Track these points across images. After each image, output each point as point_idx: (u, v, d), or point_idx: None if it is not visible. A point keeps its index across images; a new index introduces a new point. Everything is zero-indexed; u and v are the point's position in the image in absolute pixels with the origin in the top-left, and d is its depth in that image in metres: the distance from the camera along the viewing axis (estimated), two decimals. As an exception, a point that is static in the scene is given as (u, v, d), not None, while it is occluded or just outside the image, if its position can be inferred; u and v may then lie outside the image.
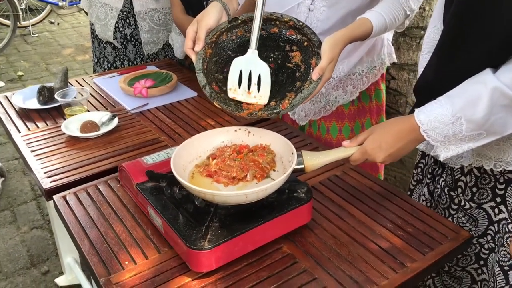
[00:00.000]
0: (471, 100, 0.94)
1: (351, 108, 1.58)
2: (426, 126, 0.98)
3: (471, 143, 0.97)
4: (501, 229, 1.19)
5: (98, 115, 1.54)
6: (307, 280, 0.95)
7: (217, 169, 1.05)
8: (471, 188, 1.20)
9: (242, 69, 1.08)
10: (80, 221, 1.12)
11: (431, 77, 1.11)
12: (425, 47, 1.19)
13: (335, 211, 1.14)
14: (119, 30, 1.98)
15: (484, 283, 1.29)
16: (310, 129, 1.63)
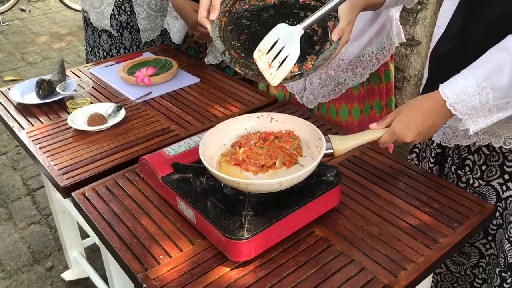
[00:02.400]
0: (495, 68, 0.95)
1: (360, 90, 1.57)
2: (452, 100, 0.98)
3: (500, 113, 0.98)
4: (509, 206, 1.22)
5: (103, 107, 1.50)
6: (345, 262, 0.96)
7: (245, 158, 1.04)
8: (480, 166, 1.22)
9: (280, 40, 0.99)
10: (105, 217, 1.10)
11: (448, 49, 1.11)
12: (441, 21, 1.19)
13: (360, 192, 1.15)
14: (114, 18, 1.93)
15: (492, 257, 1.32)
16: (319, 112, 1.62)
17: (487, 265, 1.35)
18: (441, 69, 1.11)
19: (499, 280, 1.26)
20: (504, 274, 1.25)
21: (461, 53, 1.05)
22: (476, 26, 1.05)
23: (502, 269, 1.25)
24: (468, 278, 1.40)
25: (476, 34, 1.04)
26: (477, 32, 1.04)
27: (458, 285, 1.42)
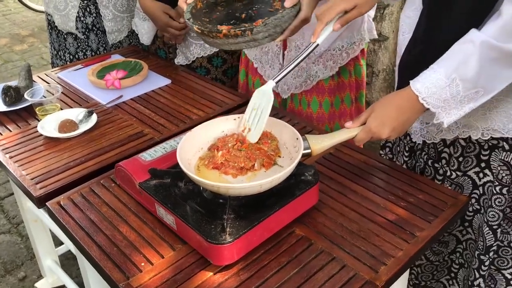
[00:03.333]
0: (462, 59, 0.98)
1: (331, 82, 1.60)
2: (424, 94, 1.01)
3: (471, 103, 1.01)
4: (487, 191, 1.26)
5: (74, 113, 1.47)
6: (326, 260, 0.97)
7: (224, 161, 1.04)
8: (457, 158, 1.26)
9: (256, 102, 1.09)
10: (82, 227, 1.08)
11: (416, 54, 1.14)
12: (405, 28, 1.22)
13: (337, 189, 1.16)
14: (80, 20, 1.89)
15: (469, 242, 1.37)
16: (292, 103, 1.66)
17: (464, 250, 1.39)
18: (411, 75, 1.14)
19: (477, 263, 1.31)
20: (482, 257, 1.29)
21: (429, 58, 1.08)
22: (440, 29, 1.07)
23: (481, 252, 1.29)
24: (445, 264, 1.44)
25: (442, 37, 1.07)
26: (442, 35, 1.07)
27: (437, 272, 1.46)
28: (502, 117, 1.15)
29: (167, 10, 1.69)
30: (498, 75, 0.98)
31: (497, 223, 1.26)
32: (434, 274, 1.46)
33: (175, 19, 1.69)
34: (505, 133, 1.16)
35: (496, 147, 1.21)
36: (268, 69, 1.67)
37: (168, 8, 1.69)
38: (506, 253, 1.34)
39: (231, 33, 1.16)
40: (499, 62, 0.96)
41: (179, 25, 1.69)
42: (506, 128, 1.16)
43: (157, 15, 1.69)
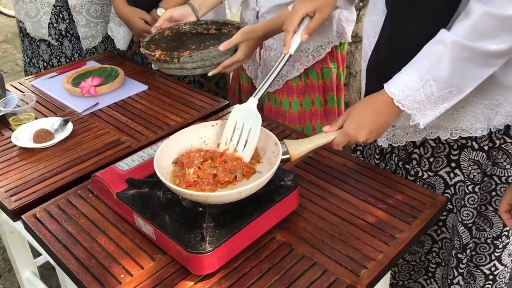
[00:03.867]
0: (434, 60, 0.98)
1: (299, 83, 1.63)
2: (399, 97, 1.01)
3: (446, 103, 1.01)
4: (459, 191, 1.28)
5: (49, 122, 1.45)
6: (307, 265, 0.97)
7: (196, 178, 1.00)
8: (428, 159, 1.27)
9: (238, 121, 1.08)
10: (59, 239, 1.06)
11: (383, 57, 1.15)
12: (370, 32, 1.23)
13: (317, 193, 1.16)
14: (53, 26, 1.85)
15: (445, 241, 1.38)
16: (269, 102, 1.70)
17: (440, 249, 1.41)
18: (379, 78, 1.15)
19: (455, 261, 1.32)
20: (460, 255, 1.31)
21: (396, 61, 1.09)
22: (405, 32, 1.08)
23: (458, 250, 1.31)
24: (423, 264, 1.45)
25: (407, 40, 1.08)
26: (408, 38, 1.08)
27: (415, 272, 1.47)
28: (470, 116, 1.17)
29: (142, 15, 1.67)
30: (470, 74, 1.00)
31: (472, 221, 1.28)
32: (412, 274, 1.47)
33: (150, 24, 1.68)
34: (473, 132, 1.18)
35: (465, 146, 1.22)
36: (251, 64, 1.73)
37: (143, 13, 1.68)
38: (484, 249, 1.36)
39: (161, 58, 1.33)
40: (471, 61, 0.98)
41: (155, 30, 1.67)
42: (474, 128, 1.17)
43: (132, 20, 1.68)
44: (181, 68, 1.34)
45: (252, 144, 1.06)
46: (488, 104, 1.16)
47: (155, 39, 1.48)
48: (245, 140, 1.07)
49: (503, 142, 1.23)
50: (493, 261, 1.38)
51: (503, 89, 1.15)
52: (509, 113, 1.18)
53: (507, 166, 1.25)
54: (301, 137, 1.21)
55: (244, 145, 1.07)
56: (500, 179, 1.26)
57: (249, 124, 1.08)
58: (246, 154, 1.06)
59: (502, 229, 1.33)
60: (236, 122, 1.08)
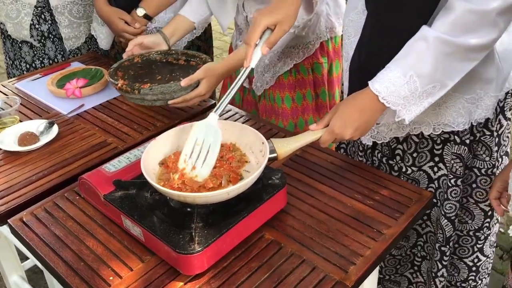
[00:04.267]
0: (416, 56, 1.00)
1: (289, 78, 1.65)
2: (383, 93, 1.02)
3: (430, 98, 1.03)
4: (442, 184, 1.30)
5: (34, 125, 1.43)
6: (296, 263, 0.98)
7: (180, 184, 1.00)
8: (411, 154, 1.29)
9: (198, 137, 1.04)
10: (47, 243, 1.05)
11: (365, 56, 1.16)
12: (351, 31, 1.24)
13: (304, 191, 1.17)
14: (34, 28, 1.83)
15: (429, 235, 1.40)
16: (264, 100, 1.72)
17: (425, 243, 1.43)
18: (362, 77, 1.16)
19: (439, 254, 1.34)
20: (443, 248, 1.33)
21: (378, 59, 1.10)
22: (387, 30, 1.09)
23: (442, 243, 1.33)
24: (408, 258, 1.47)
25: (389, 38, 1.09)
26: (389, 36, 1.09)
27: (401, 266, 1.49)
28: (452, 111, 1.18)
29: (122, 15, 1.67)
30: (453, 69, 1.01)
31: (455, 214, 1.30)
32: (398, 268, 1.49)
33: (130, 24, 1.68)
34: (455, 126, 1.20)
35: (448, 141, 1.24)
36: None
37: (123, 13, 1.68)
38: (466, 241, 1.39)
39: (123, 88, 1.36)
40: (453, 56, 0.99)
41: (134, 31, 1.68)
42: (456, 122, 1.19)
43: (112, 20, 1.68)
44: (141, 99, 1.37)
45: (211, 161, 1.02)
46: (469, 98, 1.18)
47: (124, 65, 1.51)
48: (204, 156, 1.03)
49: (482, 135, 1.25)
50: (475, 253, 1.40)
51: (483, 83, 1.17)
52: (489, 107, 1.20)
53: (486, 158, 1.27)
54: (288, 136, 1.22)
55: (203, 161, 1.02)
56: (480, 171, 1.29)
57: (209, 140, 1.03)
58: (204, 171, 1.02)
59: (484, 220, 1.36)
60: (197, 139, 1.04)
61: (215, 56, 3.42)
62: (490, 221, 1.37)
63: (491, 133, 1.25)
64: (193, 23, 1.65)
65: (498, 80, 1.19)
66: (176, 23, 1.63)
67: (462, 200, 1.34)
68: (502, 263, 2.09)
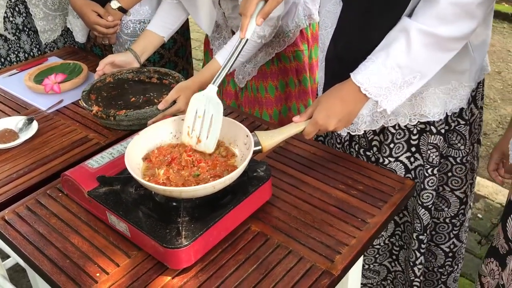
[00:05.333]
0: (398, 47, 1.01)
1: (272, 67, 1.67)
2: (365, 84, 1.04)
3: (410, 87, 1.04)
4: (418, 174, 1.32)
5: (13, 121, 1.41)
6: (283, 254, 0.99)
7: (165, 180, 1.00)
8: (388, 145, 1.30)
9: (198, 108, 1.06)
10: (31, 241, 1.04)
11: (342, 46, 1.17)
12: (328, 22, 1.25)
13: (289, 182, 1.18)
14: (8, 20, 1.79)
15: (406, 224, 1.43)
16: (246, 91, 1.73)
17: (402, 232, 1.45)
18: (339, 67, 1.17)
19: (417, 243, 1.37)
20: (421, 237, 1.36)
21: (355, 49, 1.11)
22: (364, 20, 1.10)
23: (419, 233, 1.36)
24: (387, 247, 1.50)
25: (366, 28, 1.10)
26: (366, 26, 1.10)
27: (379, 255, 1.51)
28: (427, 102, 1.21)
29: (95, 7, 1.65)
30: (433, 59, 1.03)
31: (431, 202, 1.32)
32: (377, 258, 1.52)
33: (103, 17, 1.66)
34: (431, 117, 1.22)
35: (424, 131, 1.26)
36: None
37: (97, 6, 1.66)
38: (443, 229, 1.42)
39: (98, 115, 1.35)
40: (433, 47, 1.01)
41: (107, 23, 1.67)
42: (431, 113, 1.22)
43: (84, 12, 1.66)
44: (117, 125, 1.37)
45: (216, 132, 1.04)
46: (444, 89, 1.20)
47: (97, 86, 1.49)
48: (207, 128, 1.05)
49: (457, 124, 1.28)
50: (452, 239, 1.44)
51: (457, 74, 1.19)
52: (463, 97, 1.23)
53: (461, 147, 1.30)
54: (271, 128, 1.23)
55: (207, 133, 1.05)
56: (455, 159, 1.32)
57: (210, 111, 1.06)
58: (210, 142, 1.05)
59: (459, 207, 1.39)
60: (197, 110, 1.06)
61: (194, 48, 3.39)
62: (465, 208, 1.41)
63: (465, 122, 1.28)
64: (162, 37, 1.64)
65: (472, 71, 1.22)
66: (145, 39, 1.62)
67: (438, 188, 1.36)
68: (481, 248, 2.15)
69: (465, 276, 1.99)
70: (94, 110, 1.36)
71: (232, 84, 1.78)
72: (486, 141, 2.97)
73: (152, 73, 1.56)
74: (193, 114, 1.06)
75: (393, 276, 1.55)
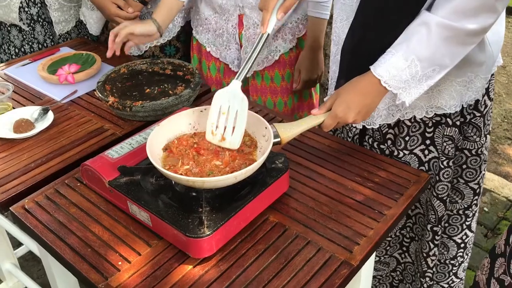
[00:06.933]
0: (418, 41, 1.02)
1: (291, 55, 1.68)
2: (385, 77, 1.05)
3: (429, 81, 1.06)
4: (433, 167, 1.33)
5: (28, 111, 1.42)
6: (302, 244, 1.00)
7: (186, 170, 1.01)
8: (403, 138, 1.32)
9: (223, 105, 1.05)
10: (52, 230, 1.05)
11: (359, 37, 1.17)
12: (343, 14, 1.26)
13: (305, 174, 1.19)
14: (24, 11, 1.79)
15: (418, 216, 1.44)
16: (254, 80, 1.72)
17: (414, 224, 1.47)
18: (354, 59, 1.17)
19: (431, 234, 1.38)
20: (435, 228, 1.37)
21: (371, 41, 1.12)
22: (381, 12, 1.11)
23: (434, 224, 1.37)
24: (397, 239, 1.51)
25: (383, 20, 1.11)
26: (383, 18, 1.11)
27: (390, 247, 1.53)
28: (444, 94, 1.22)
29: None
30: (452, 52, 1.04)
31: (446, 194, 1.34)
32: (387, 250, 1.53)
33: (123, 8, 1.65)
34: (447, 109, 1.23)
35: (440, 123, 1.27)
36: (223, 50, 1.71)
37: None
38: (456, 220, 1.43)
39: (114, 106, 1.36)
40: (452, 40, 1.02)
41: (127, 15, 1.66)
42: (448, 105, 1.23)
43: (104, 4, 1.65)
44: (132, 115, 1.37)
45: (241, 128, 1.04)
46: (461, 81, 1.22)
47: (111, 77, 1.50)
48: (232, 124, 1.05)
49: (472, 117, 1.29)
50: (464, 230, 1.45)
51: (474, 66, 1.20)
52: (479, 89, 1.24)
53: (477, 139, 1.31)
54: (285, 121, 1.24)
55: (232, 130, 1.05)
56: (471, 152, 1.33)
57: (235, 107, 1.05)
58: (235, 139, 1.04)
59: (473, 198, 1.41)
60: (221, 106, 1.06)
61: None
62: (478, 198, 1.42)
63: (480, 114, 1.29)
64: (182, 1, 1.60)
65: (488, 63, 1.23)
66: (165, 7, 1.58)
67: (452, 180, 1.38)
68: (487, 241, 2.17)
69: (471, 268, 2.01)
70: (110, 101, 1.37)
71: (212, 70, 1.78)
72: (491, 135, 2.98)
73: (166, 65, 1.57)
74: (217, 110, 1.06)
75: (403, 267, 1.57)
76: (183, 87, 1.46)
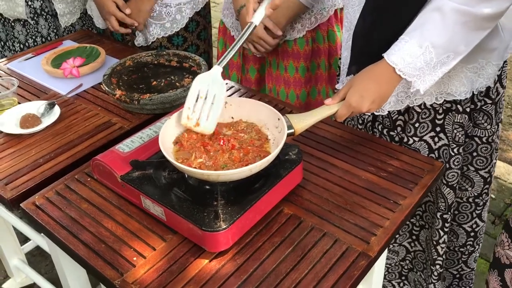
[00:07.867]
0: (432, 27, 1.01)
1: (306, 48, 1.65)
2: (400, 65, 1.03)
3: (444, 67, 1.04)
4: (442, 154, 1.32)
5: (34, 106, 1.40)
6: (318, 236, 0.99)
7: (199, 163, 0.99)
8: (413, 124, 1.30)
9: (201, 89, 1.03)
10: (64, 226, 1.04)
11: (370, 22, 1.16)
12: (355, 1, 1.23)
13: (318, 165, 1.18)
14: (27, 5, 1.77)
15: (428, 204, 1.43)
16: (270, 68, 1.71)
17: (423, 212, 1.46)
18: (366, 44, 1.15)
19: (441, 222, 1.38)
20: (445, 216, 1.36)
21: (382, 26, 1.10)
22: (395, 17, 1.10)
23: (443, 211, 1.36)
24: (407, 227, 1.51)
25: (394, 5, 1.09)
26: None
27: (399, 236, 1.53)
28: (455, 80, 1.20)
29: None
30: (467, 38, 1.02)
31: (456, 182, 1.33)
32: (397, 238, 1.53)
33: (121, 9, 1.64)
34: (457, 96, 1.22)
35: (450, 110, 1.26)
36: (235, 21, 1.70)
37: None
38: (466, 208, 1.43)
39: (122, 99, 1.35)
40: (467, 25, 1.00)
41: (123, 16, 1.66)
42: (458, 91, 1.21)
43: (105, 1, 1.64)
44: (140, 108, 1.36)
45: (217, 112, 1.02)
46: (471, 67, 1.20)
47: (117, 70, 1.48)
48: (208, 109, 1.02)
49: (483, 104, 1.28)
50: (474, 218, 1.45)
51: (485, 52, 1.19)
52: (490, 75, 1.22)
53: (488, 127, 1.30)
54: (295, 112, 1.22)
55: (207, 115, 1.02)
56: (481, 139, 1.32)
57: (213, 91, 1.03)
58: (210, 125, 1.02)
59: (483, 187, 1.40)
60: (200, 90, 1.04)
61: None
62: (489, 187, 1.41)
63: (492, 101, 1.28)
64: None
65: (500, 49, 1.21)
66: None
67: (462, 168, 1.37)
68: (495, 228, 2.16)
69: (480, 255, 2.01)
70: (118, 94, 1.35)
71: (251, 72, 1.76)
72: (495, 122, 2.97)
73: (172, 56, 1.55)
74: (195, 95, 1.04)
75: (412, 256, 1.57)
76: (190, 79, 1.44)
